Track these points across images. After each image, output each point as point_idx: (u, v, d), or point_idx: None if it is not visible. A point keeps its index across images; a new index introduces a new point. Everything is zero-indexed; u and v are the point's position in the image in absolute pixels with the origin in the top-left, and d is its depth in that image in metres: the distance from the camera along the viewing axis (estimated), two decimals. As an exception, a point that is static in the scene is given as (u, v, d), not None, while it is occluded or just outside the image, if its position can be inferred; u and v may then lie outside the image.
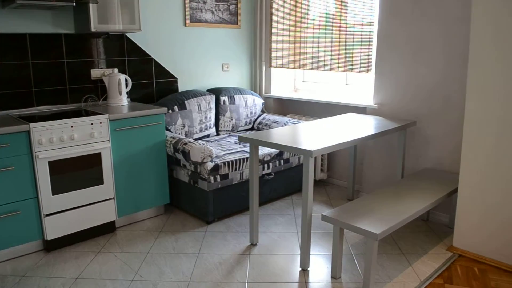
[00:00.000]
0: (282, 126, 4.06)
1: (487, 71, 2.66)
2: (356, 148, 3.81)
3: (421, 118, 3.50)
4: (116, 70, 3.58)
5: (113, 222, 3.27)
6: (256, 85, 4.74)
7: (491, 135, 2.71)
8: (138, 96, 3.86)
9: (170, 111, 3.72)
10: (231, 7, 4.41)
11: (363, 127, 3.20)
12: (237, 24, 4.49)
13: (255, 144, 2.86)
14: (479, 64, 2.69)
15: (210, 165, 3.25)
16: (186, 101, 3.84)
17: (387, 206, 2.72)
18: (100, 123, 3.04)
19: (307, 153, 2.51)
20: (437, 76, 3.36)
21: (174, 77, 4.10)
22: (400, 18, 3.48)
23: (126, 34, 3.70)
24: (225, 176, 3.35)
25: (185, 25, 4.10)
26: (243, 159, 3.43)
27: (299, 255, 2.91)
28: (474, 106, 2.75)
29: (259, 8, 4.53)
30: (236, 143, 3.83)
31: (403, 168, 3.54)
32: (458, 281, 2.65)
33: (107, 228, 3.24)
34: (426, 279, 2.65)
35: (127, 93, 3.67)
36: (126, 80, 3.58)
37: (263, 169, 3.61)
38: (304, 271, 2.74)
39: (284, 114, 4.68)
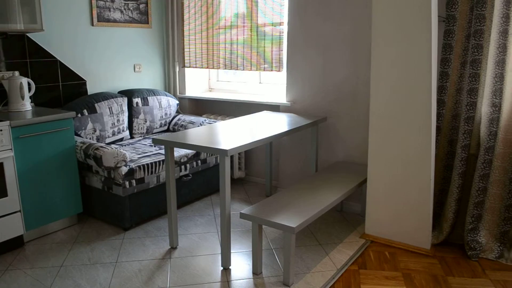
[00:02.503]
0: (198, 126, 4.03)
1: (388, 68, 2.84)
2: (272, 145, 3.89)
3: (331, 113, 3.66)
4: (17, 73, 3.33)
5: (20, 237, 3.05)
6: (170, 86, 4.66)
7: (393, 128, 2.90)
8: (44, 100, 3.63)
9: (79, 115, 3.54)
10: (141, 6, 4.30)
11: (277, 124, 3.28)
12: (147, 23, 4.39)
13: (170, 146, 2.82)
14: (380, 61, 2.86)
15: (124, 169, 3.15)
16: (96, 104, 3.68)
17: (303, 199, 2.81)
18: (0, 130, 2.81)
19: (223, 152, 2.52)
20: (344, 74, 3.53)
21: (82, 79, 3.90)
22: (308, 17, 3.61)
23: (27, 34, 3.46)
24: (141, 180, 3.26)
25: (92, 24, 3.93)
26: (159, 161, 3.36)
27: (220, 255, 2.92)
28: (377, 101, 2.93)
29: (170, 7, 4.46)
30: (152, 145, 3.75)
31: (316, 162, 3.68)
32: (371, 266, 2.81)
33: (14, 244, 3.02)
34: (342, 267, 2.78)
35: (30, 97, 3.44)
36: (29, 84, 3.35)
37: (181, 170, 3.56)
38: (226, 270, 2.75)
39: (199, 114, 4.66)
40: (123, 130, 3.91)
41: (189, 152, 3.60)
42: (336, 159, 3.71)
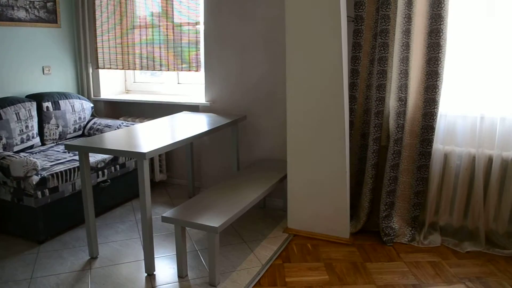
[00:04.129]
0: (115, 129, 3.89)
1: (302, 67, 2.93)
2: (192, 146, 3.86)
3: (251, 112, 3.70)
4: None
5: None
6: (83, 89, 4.45)
7: (309, 124, 3.00)
8: None
9: (-19, 122, 3.27)
10: (48, 4, 4.05)
11: (197, 124, 3.25)
12: (56, 23, 4.15)
13: (84, 152, 2.69)
14: (294, 60, 2.94)
15: (35, 179, 2.96)
16: (1, 110, 3.42)
17: (226, 199, 2.81)
18: None
19: (140, 155, 2.45)
20: (262, 73, 3.59)
21: (-17, 84, 3.61)
22: (223, 17, 3.62)
23: None
24: (54, 189, 3.08)
25: (-9, 24, 3.64)
26: (74, 168, 3.20)
27: (143, 261, 2.84)
28: (293, 99, 3.01)
29: (81, 6, 4.25)
30: (65, 152, 3.55)
31: (238, 161, 3.71)
32: (295, 259, 2.89)
33: None
34: (267, 262, 2.83)
35: None
36: None
37: (98, 176, 3.42)
38: (150, 275, 2.69)
39: (116, 117, 4.49)
40: (33, 137, 3.67)
41: (107, 157, 3.46)
42: (257, 157, 3.76)
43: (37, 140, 3.73)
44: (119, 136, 2.88)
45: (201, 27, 3.84)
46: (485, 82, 2.93)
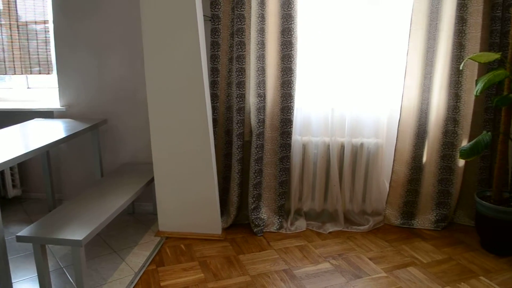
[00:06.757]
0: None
1: (161, 67, 2.88)
2: (49, 155, 3.56)
3: (112, 115, 3.54)
4: None
5: None
6: None
7: (173, 125, 2.96)
8: None
9: None
10: None
11: (52, 131, 3.01)
12: None
13: None
14: (153, 61, 2.87)
15: None
16: None
17: (90, 208, 2.65)
18: None
19: (-15, 171, 2.19)
20: (122, 74, 3.45)
21: None
22: (76, 15, 3.39)
23: None
24: None
25: None
26: None
27: (-2, 287, 2.55)
28: (155, 100, 2.94)
29: None
30: None
31: (101, 167, 3.52)
32: (169, 261, 2.84)
33: None
34: (140, 269, 2.74)
35: None
36: None
37: None
38: (8, 302, 2.42)
39: (-46, 129, 3.95)
40: None
41: None
42: (122, 161, 3.61)
43: None
44: (-44, 151, 2.53)
45: (50, 26, 3.54)
46: (335, 78, 3.22)
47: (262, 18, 2.99)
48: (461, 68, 3.04)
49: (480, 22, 2.99)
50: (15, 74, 3.72)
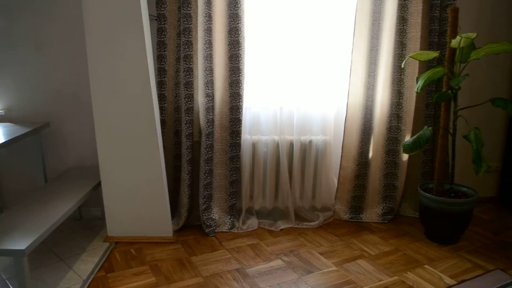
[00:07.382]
0: None
1: (106, 68, 2.79)
2: (-12, 161, 3.38)
3: (55, 118, 3.40)
4: None
5: None
6: None
7: (119, 127, 2.88)
8: None
9: None
10: None
11: (-11, 137, 2.86)
12: None
13: None
14: (97, 61, 2.78)
15: None
16: None
17: (33, 216, 2.54)
18: None
19: None
20: (64, 75, 3.32)
21: None
22: (10, 12, 3.23)
23: None
24: None
25: None
26: None
27: None
28: (99, 102, 2.85)
29: None
30: None
31: (45, 172, 3.38)
32: (119, 267, 2.78)
33: None
34: (88, 277, 2.65)
35: None
36: None
37: None
38: None
39: None
40: None
41: None
42: (67, 165, 3.48)
43: None
44: None
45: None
46: (283, 77, 3.26)
47: (209, 17, 2.98)
48: (402, 66, 3.16)
49: (420, 22, 3.12)
50: None
